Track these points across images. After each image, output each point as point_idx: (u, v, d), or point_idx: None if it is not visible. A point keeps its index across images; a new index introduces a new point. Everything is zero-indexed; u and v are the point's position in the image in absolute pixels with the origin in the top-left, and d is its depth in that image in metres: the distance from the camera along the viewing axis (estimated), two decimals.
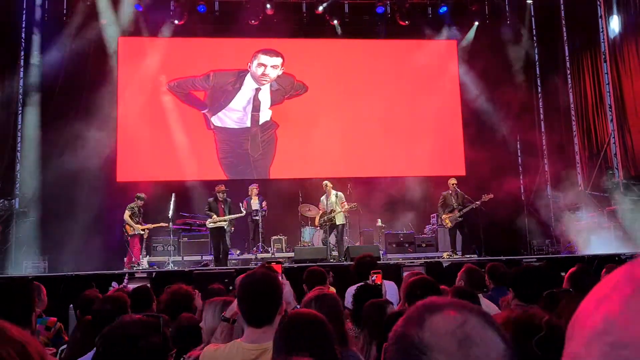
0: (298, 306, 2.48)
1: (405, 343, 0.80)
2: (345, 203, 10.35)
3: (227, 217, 10.06)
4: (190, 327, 2.84)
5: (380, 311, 2.79)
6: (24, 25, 11.98)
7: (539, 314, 1.05)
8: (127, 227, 10.18)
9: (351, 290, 3.84)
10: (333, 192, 10.43)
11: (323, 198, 10.54)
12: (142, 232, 10.24)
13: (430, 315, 0.82)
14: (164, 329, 1.77)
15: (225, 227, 10.03)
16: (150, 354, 1.65)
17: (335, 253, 10.25)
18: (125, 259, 10.17)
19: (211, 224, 10.03)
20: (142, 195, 10.39)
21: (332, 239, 10.55)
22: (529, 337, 1.01)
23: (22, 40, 11.99)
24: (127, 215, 10.17)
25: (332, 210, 10.25)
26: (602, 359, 0.60)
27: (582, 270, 3.50)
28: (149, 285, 5.02)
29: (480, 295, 3.82)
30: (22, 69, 11.89)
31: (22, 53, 11.95)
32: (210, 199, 10.24)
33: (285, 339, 1.84)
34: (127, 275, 7.58)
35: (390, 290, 4.04)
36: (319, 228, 10.77)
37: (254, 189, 10.72)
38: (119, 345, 1.64)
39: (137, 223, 10.20)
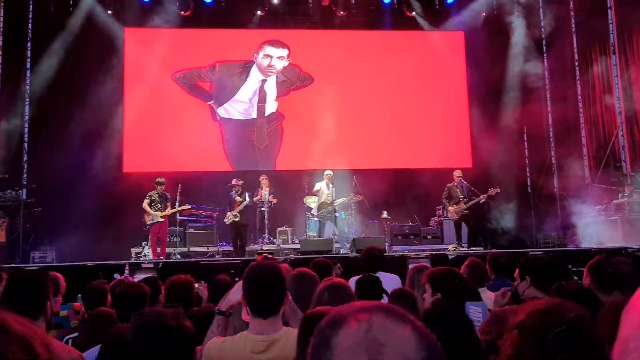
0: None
1: None
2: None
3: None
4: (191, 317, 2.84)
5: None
6: (30, 16, 12.00)
7: (569, 307, 1.00)
8: (145, 216, 9.80)
9: (352, 281, 3.83)
10: (330, 184, 10.47)
11: (323, 185, 10.47)
12: (161, 220, 9.71)
13: (334, 333, 0.77)
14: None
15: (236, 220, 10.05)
16: (185, 339, 1.71)
17: (338, 245, 10.24)
18: (151, 251, 9.95)
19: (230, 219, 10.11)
20: (161, 179, 9.88)
21: (327, 231, 10.56)
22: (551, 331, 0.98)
23: (29, 30, 12.02)
24: (145, 203, 9.74)
25: (334, 201, 10.24)
26: None
27: (603, 262, 3.46)
28: (156, 275, 5.05)
29: (484, 288, 3.80)
30: (29, 60, 11.92)
31: (29, 44, 11.99)
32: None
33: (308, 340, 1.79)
34: (127, 265, 7.58)
35: (392, 283, 3.93)
36: (322, 218, 10.65)
37: (263, 180, 10.64)
38: (157, 334, 1.67)
39: (158, 210, 9.73)
